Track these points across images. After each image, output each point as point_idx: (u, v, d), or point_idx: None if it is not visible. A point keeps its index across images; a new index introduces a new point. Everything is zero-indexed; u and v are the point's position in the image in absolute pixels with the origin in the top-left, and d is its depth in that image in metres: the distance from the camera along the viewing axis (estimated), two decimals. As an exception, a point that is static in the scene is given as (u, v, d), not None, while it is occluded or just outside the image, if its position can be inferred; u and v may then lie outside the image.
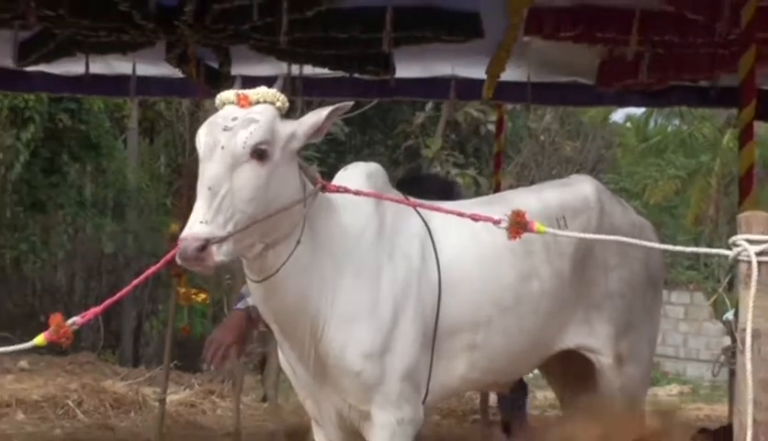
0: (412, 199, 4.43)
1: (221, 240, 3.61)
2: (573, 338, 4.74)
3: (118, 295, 4.03)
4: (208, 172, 3.72)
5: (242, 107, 3.84)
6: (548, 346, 4.72)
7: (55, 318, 3.61)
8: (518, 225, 3.70)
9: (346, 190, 4.12)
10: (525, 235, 3.81)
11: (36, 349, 3.70)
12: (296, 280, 4.01)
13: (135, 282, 4.02)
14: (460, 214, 4.10)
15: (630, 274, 4.81)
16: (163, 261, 3.91)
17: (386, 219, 4.27)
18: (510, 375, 4.96)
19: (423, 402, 4.33)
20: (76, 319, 3.63)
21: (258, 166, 3.74)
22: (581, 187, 4.91)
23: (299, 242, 3.97)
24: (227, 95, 3.91)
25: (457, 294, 4.30)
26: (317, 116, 3.95)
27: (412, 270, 4.22)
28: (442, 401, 4.95)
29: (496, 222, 3.72)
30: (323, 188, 4.06)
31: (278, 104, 3.90)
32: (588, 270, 4.68)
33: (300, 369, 4.27)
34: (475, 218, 3.87)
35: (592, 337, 4.74)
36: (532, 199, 4.71)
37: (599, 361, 4.79)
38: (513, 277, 4.45)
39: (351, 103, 4.05)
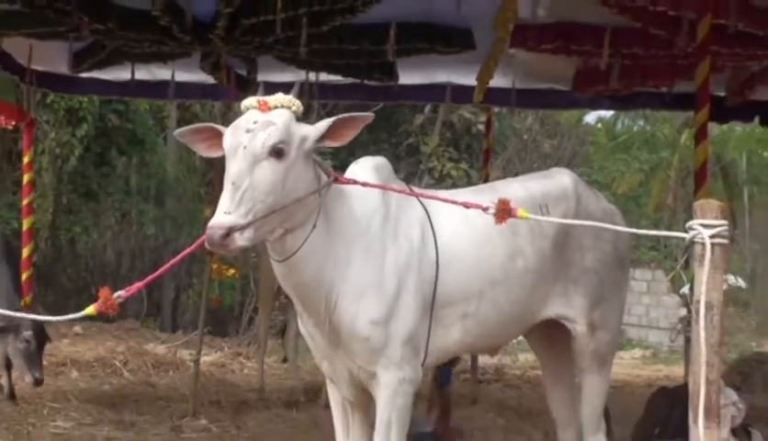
0: (415, 189, 4.44)
1: (243, 228, 3.62)
2: (553, 308, 4.73)
3: (158, 272, 4.09)
4: (232, 169, 3.73)
5: (263, 111, 3.83)
6: (533, 315, 4.71)
7: (104, 292, 3.65)
8: (504, 211, 3.71)
9: (356, 182, 4.13)
10: (512, 220, 3.84)
11: (88, 317, 3.72)
12: (312, 260, 4.02)
13: (173, 261, 4.04)
14: (454, 202, 4.11)
15: (602, 254, 4.80)
16: (196, 244, 3.92)
17: (391, 206, 4.26)
18: (499, 340, 4.96)
19: (423, 364, 4.34)
20: (122, 293, 3.67)
21: (276, 163, 3.74)
22: (561, 179, 4.90)
23: (314, 227, 3.97)
24: (249, 101, 3.91)
25: (453, 270, 4.29)
26: (327, 122, 3.95)
27: (414, 250, 4.22)
28: (439, 362, 4.95)
29: (485, 209, 3.72)
30: (336, 180, 4.06)
31: (294, 108, 3.89)
32: (566, 250, 4.68)
33: (317, 335, 4.28)
34: (467, 205, 3.87)
35: (570, 308, 4.73)
36: (519, 189, 4.71)
37: (575, 329, 4.78)
38: (502, 256, 4.44)
39: (372, 115, 4.02)
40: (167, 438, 7.84)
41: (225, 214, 3.63)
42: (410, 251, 4.21)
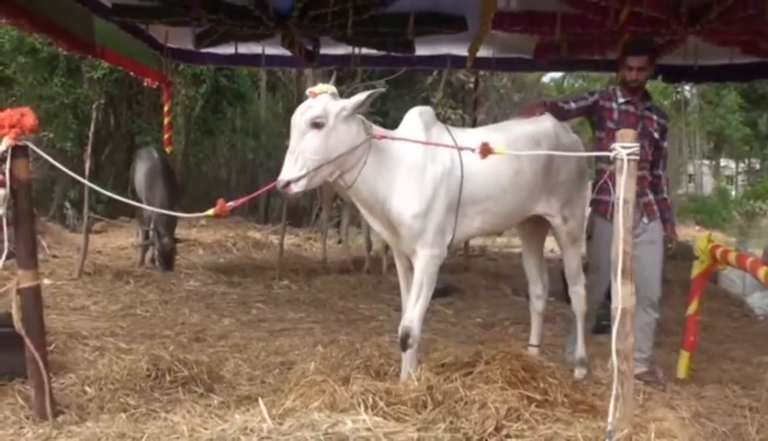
0: (451, 129, 4.34)
1: (297, 179, 3.71)
2: (540, 208, 4.62)
3: (256, 193, 4.42)
4: (291, 140, 3.80)
5: (313, 97, 3.86)
6: (526, 212, 4.60)
7: (220, 202, 3.74)
8: (486, 150, 3.74)
9: (386, 137, 4.05)
10: (516, 148, 4.18)
11: (208, 217, 3.80)
12: (367, 185, 4.00)
13: (263, 189, 4.21)
14: (453, 147, 4.08)
15: (569, 171, 4.68)
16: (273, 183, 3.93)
17: (430, 139, 4.16)
18: (504, 227, 4.89)
19: (450, 245, 4.31)
20: (231, 203, 3.77)
21: (317, 132, 3.77)
22: (546, 123, 4.74)
23: (365, 164, 3.95)
24: (307, 92, 3.94)
25: (474, 182, 4.17)
26: (359, 96, 3.91)
27: (445, 170, 4.10)
28: (463, 242, 4.87)
29: (473, 150, 3.76)
30: (372, 137, 3.99)
31: (330, 92, 3.88)
32: (549, 170, 4.56)
33: (383, 230, 4.27)
34: (459, 149, 3.92)
35: (550, 208, 4.63)
36: (520, 129, 4.59)
37: (553, 221, 4.71)
38: (509, 172, 4.33)
39: (383, 89, 3.99)
40: (262, 292, 7.94)
41: (286, 171, 3.72)
42: (443, 170, 4.11)
